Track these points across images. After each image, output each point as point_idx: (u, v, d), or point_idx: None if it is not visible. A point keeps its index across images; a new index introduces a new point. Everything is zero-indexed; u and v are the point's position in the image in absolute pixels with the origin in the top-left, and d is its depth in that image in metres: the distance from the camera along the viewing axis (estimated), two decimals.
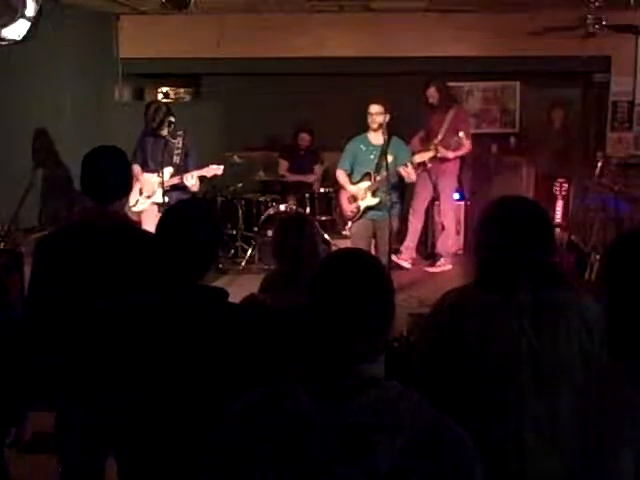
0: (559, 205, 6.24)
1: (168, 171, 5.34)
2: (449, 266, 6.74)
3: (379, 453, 1.19)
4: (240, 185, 7.16)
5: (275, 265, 2.77)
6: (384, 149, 5.28)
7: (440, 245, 6.90)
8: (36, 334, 2.61)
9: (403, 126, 5.83)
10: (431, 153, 6.04)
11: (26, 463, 3.19)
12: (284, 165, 7.55)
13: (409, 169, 5.33)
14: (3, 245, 4.76)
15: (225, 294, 2.02)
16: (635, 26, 6.81)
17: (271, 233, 6.16)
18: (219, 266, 6.46)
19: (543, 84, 8.01)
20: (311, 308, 1.33)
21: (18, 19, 4.09)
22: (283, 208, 6.80)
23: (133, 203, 5.42)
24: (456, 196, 7.18)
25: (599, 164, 5.94)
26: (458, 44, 7.40)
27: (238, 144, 7.53)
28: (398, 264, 6.46)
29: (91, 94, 6.98)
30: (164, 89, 8.19)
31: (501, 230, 1.98)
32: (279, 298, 2.48)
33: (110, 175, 2.65)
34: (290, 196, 7.18)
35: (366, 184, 5.44)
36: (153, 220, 4.90)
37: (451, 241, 6.92)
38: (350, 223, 5.68)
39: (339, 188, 5.74)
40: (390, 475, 1.19)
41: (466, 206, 7.44)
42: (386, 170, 5.17)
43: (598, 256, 5.31)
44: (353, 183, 5.52)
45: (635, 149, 7.70)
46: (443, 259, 6.81)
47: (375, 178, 5.40)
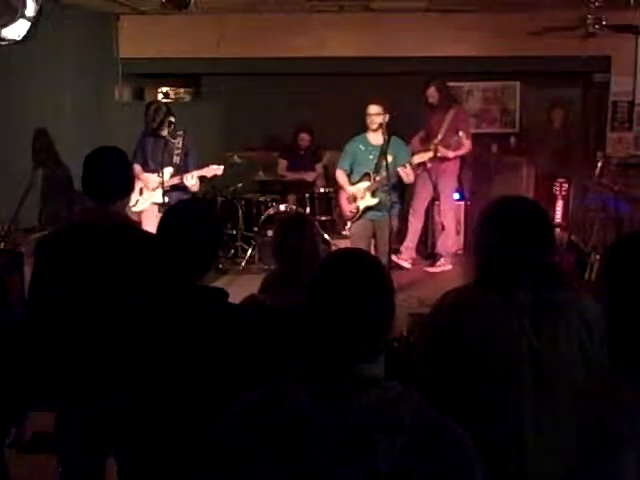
0: (559, 205, 6.24)
1: (168, 171, 5.34)
2: (449, 266, 6.74)
3: (379, 453, 1.19)
4: (240, 185, 7.16)
5: (275, 265, 2.78)
6: (384, 149, 5.27)
7: (440, 245, 6.90)
8: (36, 334, 2.61)
9: (403, 126, 5.83)
10: (430, 154, 6.04)
11: (26, 463, 3.19)
12: (284, 165, 7.55)
13: (408, 170, 5.32)
14: (3, 245, 4.76)
15: (225, 294, 2.02)
16: (635, 26, 6.81)
17: (271, 233, 6.16)
18: (219, 266, 6.46)
19: (543, 84, 8.01)
20: (311, 308, 1.33)
21: (18, 19, 4.09)
22: (283, 208, 6.80)
23: (133, 203, 5.42)
24: (456, 196, 7.18)
25: (599, 164, 5.94)
26: (458, 44, 7.40)
27: (238, 144, 7.53)
28: (398, 264, 6.46)
29: (91, 94, 6.98)
30: (164, 89, 8.20)
31: (501, 230, 1.98)
32: (279, 298, 2.48)
33: (112, 175, 2.66)
34: (290, 196, 7.20)
35: (365, 184, 5.44)
36: (153, 220, 4.91)
37: (451, 241, 6.91)
38: (350, 223, 5.67)
39: (339, 188, 5.73)
40: (390, 475, 1.19)
41: (466, 206, 7.44)
42: (386, 170, 5.17)
43: (598, 256, 5.31)
44: (352, 183, 5.51)
45: (635, 149, 7.70)
46: (443, 259, 6.81)
47: (374, 178, 5.39)
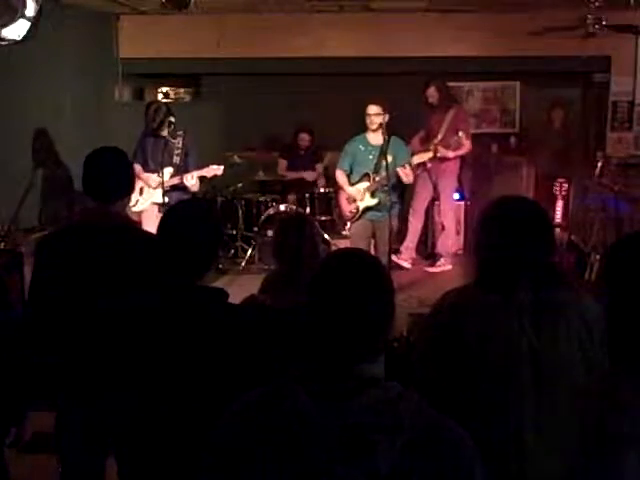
0: (559, 205, 6.24)
1: (168, 171, 5.34)
2: (449, 266, 6.74)
3: (379, 453, 1.19)
4: (240, 185, 7.16)
5: (275, 265, 2.77)
6: (384, 149, 5.27)
7: (440, 245, 6.90)
8: (36, 334, 2.61)
9: (403, 126, 5.83)
10: (430, 154, 6.04)
11: (26, 463, 3.19)
12: (284, 165, 7.55)
13: (407, 170, 5.32)
14: (3, 245, 4.76)
15: (225, 295, 2.02)
16: (635, 26, 6.81)
17: (271, 233, 6.16)
18: (219, 266, 6.46)
19: (543, 84, 8.01)
20: (311, 308, 1.33)
21: (18, 19, 4.09)
22: (283, 208, 6.80)
23: (133, 203, 5.42)
24: (456, 196, 7.18)
25: (599, 164, 5.93)
26: (458, 44, 7.40)
27: (238, 144, 7.53)
28: (398, 264, 6.46)
29: (91, 94, 6.98)
30: (164, 89, 8.20)
31: (501, 230, 1.98)
32: (279, 298, 2.48)
33: (112, 175, 2.66)
34: (290, 196, 7.19)
35: (365, 185, 5.43)
36: (153, 220, 4.91)
37: (451, 241, 6.91)
38: (349, 223, 5.67)
39: (338, 188, 5.73)
40: (390, 475, 1.19)
41: (466, 206, 7.44)
42: (386, 170, 5.16)
43: (598, 256, 5.31)
44: (352, 184, 5.51)
45: (635, 149, 7.70)
46: (443, 259, 6.80)
47: (374, 179, 5.38)
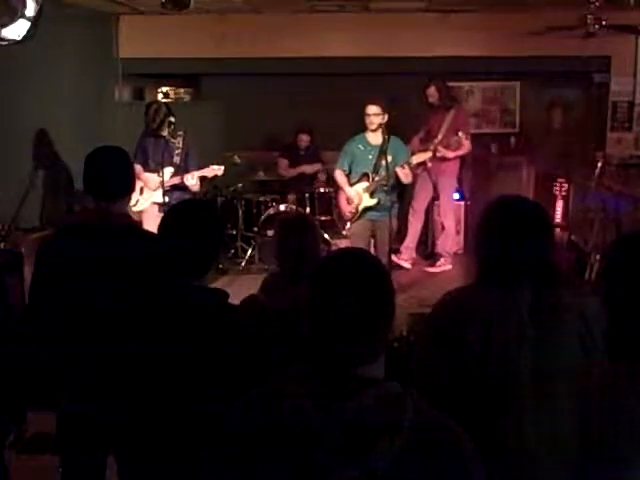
0: (559, 205, 6.25)
1: (169, 171, 5.35)
2: (449, 266, 6.74)
3: (378, 453, 1.19)
4: (240, 185, 7.16)
5: (276, 265, 2.78)
6: (383, 149, 5.27)
7: (440, 245, 6.90)
8: (37, 334, 2.61)
9: (403, 126, 5.82)
10: (429, 154, 6.03)
11: (26, 463, 3.19)
12: (285, 164, 7.54)
13: (406, 170, 5.31)
14: (3, 245, 4.75)
15: (225, 295, 2.02)
16: (635, 26, 6.81)
17: (271, 233, 6.17)
18: (219, 266, 6.46)
19: (543, 84, 8.01)
20: (311, 308, 1.33)
21: (18, 19, 4.08)
22: (283, 208, 6.80)
23: (134, 203, 5.41)
24: (456, 196, 7.18)
25: (599, 164, 5.93)
26: (458, 44, 7.39)
27: (238, 144, 7.52)
28: (398, 264, 6.46)
29: (91, 94, 6.98)
30: (164, 89, 8.20)
31: (501, 230, 1.98)
32: (279, 298, 2.48)
33: (113, 173, 2.66)
34: (290, 196, 7.19)
35: (364, 185, 5.42)
36: (154, 220, 4.90)
37: (451, 241, 6.91)
38: (349, 224, 5.67)
39: (338, 188, 5.73)
40: (389, 475, 1.19)
41: (466, 206, 7.44)
42: (386, 170, 5.16)
43: (598, 256, 5.31)
44: (351, 184, 5.50)
45: (635, 149, 7.70)
46: (443, 259, 6.80)
47: (373, 179, 5.38)
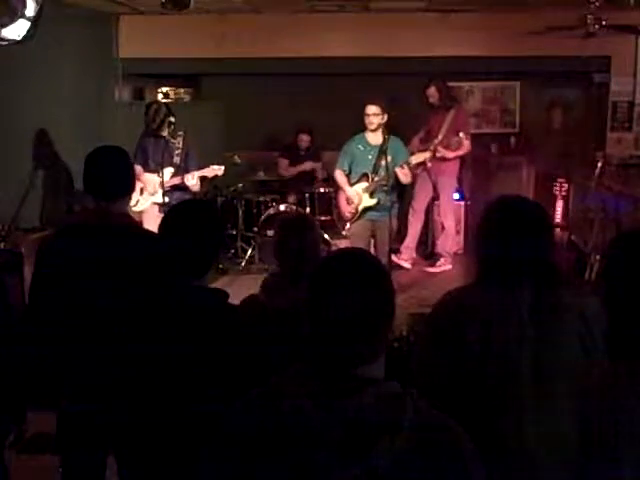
0: (559, 205, 6.25)
1: (169, 171, 5.35)
2: (449, 266, 6.74)
3: (378, 452, 1.19)
4: (240, 185, 7.16)
5: (276, 265, 2.77)
6: (383, 149, 5.27)
7: (440, 245, 6.89)
8: (37, 334, 2.61)
9: (403, 126, 5.82)
10: (428, 154, 6.02)
11: (26, 463, 3.19)
12: (285, 164, 7.55)
13: (405, 170, 5.31)
14: (3, 245, 4.75)
15: (225, 295, 2.02)
16: (635, 26, 6.81)
17: (271, 233, 6.17)
18: (219, 266, 6.46)
19: (543, 84, 8.02)
20: (311, 308, 1.33)
21: (18, 19, 4.08)
22: (283, 208, 6.80)
23: (134, 203, 5.41)
24: (456, 196, 7.18)
25: (599, 164, 5.93)
26: (458, 44, 7.39)
27: (238, 144, 7.52)
28: (398, 264, 6.46)
29: (91, 94, 6.98)
30: (164, 89, 8.20)
31: (501, 230, 1.98)
32: (280, 299, 2.48)
33: (113, 173, 2.66)
34: (290, 196, 7.19)
35: (363, 185, 5.42)
36: (154, 220, 4.90)
37: (451, 241, 6.91)
38: (349, 224, 5.66)
39: (338, 188, 5.73)
40: (389, 474, 1.19)
41: (466, 206, 7.44)
42: (385, 170, 5.16)
43: (598, 256, 5.31)
44: (351, 184, 5.51)
45: (635, 149, 7.70)
46: (443, 259, 6.80)
47: (372, 179, 5.37)
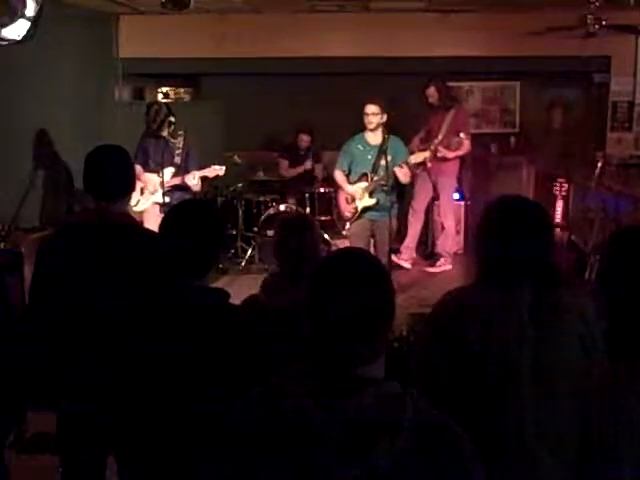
0: (559, 205, 6.23)
1: (169, 171, 5.35)
2: (449, 266, 6.74)
3: (378, 452, 1.19)
4: (240, 185, 7.16)
5: (276, 265, 2.77)
6: (383, 149, 5.27)
7: (440, 245, 6.90)
8: (37, 334, 2.61)
9: (403, 126, 5.81)
10: (427, 153, 6.02)
11: (26, 463, 3.19)
12: (285, 164, 7.55)
13: (405, 169, 5.31)
14: (3, 245, 4.75)
15: (226, 295, 2.02)
16: (635, 26, 6.82)
17: (271, 233, 6.16)
18: (219, 266, 6.46)
19: (543, 84, 8.02)
20: (310, 308, 1.33)
21: (18, 19, 4.08)
22: (283, 208, 6.81)
23: (134, 203, 5.42)
24: (456, 196, 7.18)
25: (599, 164, 5.92)
26: (458, 44, 7.40)
27: (238, 144, 7.52)
28: (398, 264, 6.46)
29: (91, 94, 6.98)
30: (164, 89, 8.20)
31: (501, 230, 1.98)
32: (280, 299, 2.48)
33: (113, 173, 2.66)
34: (290, 196, 7.19)
35: (363, 185, 5.42)
36: (155, 219, 4.91)
37: (451, 241, 6.91)
38: (348, 224, 5.66)
39: (337, 188, 5.73)
40: (389, 474, 1.19)
41: (466, 206, 7.44)
42: (385, 170, 5.16)
43: (598, 256, 5.30)
44: (350, 184, 5.50)
45: (635, 149, 7.70)
46: (443, 259, 6.80)
47: (372, 178, 5.37)
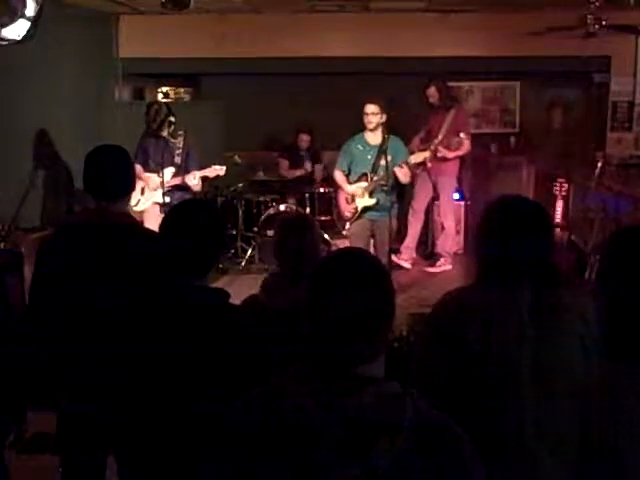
0: (559, 205, 6.23)
1: (170, 171, 5.35)
2: (449, 266, 6.74)
3: (378, 452, 1.19)
4: (240, 185, 7.16)
5: (276, 265, 2.77)
6: (383, 149, 5.27)
7: (440, 245, 6.90)
8: (37, 334, 2.61)
9: (403, 126, 5.81)
10: (427, 153, 6.02)
11: (26, 463, 3.19)
12: (285, 165, 7.55)
13: (405, 169, 5.31)
14: (3, 245, 4.75)
15: (226, 295, 2.02)
16: (635, 26, 6.82)
17: (271, 233, 6.16)
18: (219, 266, 6.46)
19: (543, 84, 8.02)
20: (310, 308, 1.33)
21: (18, 19, 4.08)
22: (283, 208, 6.81)
23: (135, 203, 5.42)
24: (456, 196, 7.18)
25: (599, 164, 5.92)
26: (458, 44, 7.40)
27: (238, 144, 7.52)
28: (398, 264, 6.46)
29: (91, 94, 6.98)
30: (164, 89, 8.20)
31: (501, 230, 1.98)
32: (280, 299, 2.48)
33: (113, 173, 2.66)
34: (290, 196, 7.20)
35: (363, 185, 5.42)
36: (155, 219, 4.92)
37: (451, 241, 6.91)
38: (348, 224, 5.66)
39: (337, 188, 5.73)
40: (389, 474, 1.19)
41: (466, 206, 7.44)
42: (385, 170, 5.16)
43: (598, 256, 5.29)
44: (350, 184, 5.51)
45: (635, 149, 7.70)
46: (443, 259, 6.80)
47: (372, 179, 5.37)
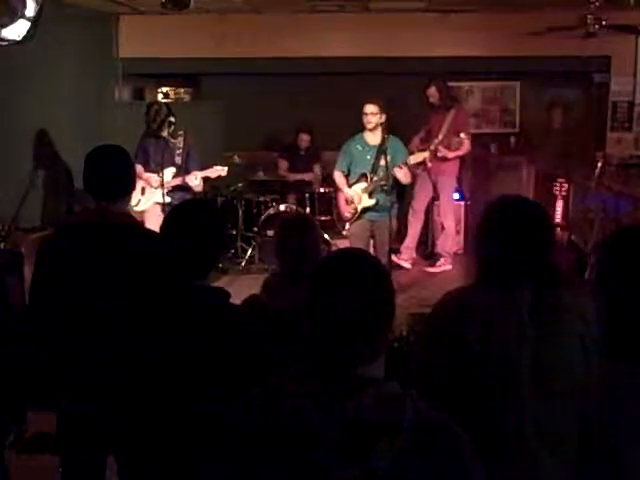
0: (559, 205, 6.23)
1: (170, 171, 5.35)
2: (449, 266, 6.74)
3: (377, 453, 1.19)
4: (240, 185, 7.17)
5: (276, 265, 2.77)
6: (382, 149, 5.26)
7: (440, 245, 6.90)
8: (37, 334, 2.61)
9: (403, 126, 5.81)
10: (427, 153, 6.01)
11: (26, 463, 3.19)
12: (284, 165, 7.55)
13: (404, 170, 5.30)
14: (3, 245, 4.75)
15: (227, 295, 2.03)
16: (635, 26, 6.82)
17: (271, 233, 6.17)
18: (219, 266, 6.46)
19: (543, 84, 8.02)
20: (310, 308, 1.33)
21: (18, 19, 4.08)
22: (283, 208, 6.81)
23: (135, 203, 5.42)
24: (456, 196, 7.18)
25: (599, 164, 5.92)
26: (458, 44, 7.40)
27: (238, 144, 7.53)
28: (398, 264, 6.46)
29: (91, 94, 6.98)
30: (164, 89, 8.20)
31: (501, 230, 1.98)
32: (280, 299, 2.48)
33: (113, 172, 2.66)
34: (290, 196, 7.20)
35: (362, 185, 5.42)
36: (156, 219, 4.92)
37: (451, 241, 6.91)
38: (348, 224, 5.66)
39: (337, 188, 5.73)
40: (388, 475, 1.19)
41: (466, 206, 7.44)
42: (385, 170, 5.16)
43: (597, 256, 5.29)
44: (350, 184, 5.50)
45: (635, 149, 7.70)
46: (443, 259, 6.80)
47: (371, 179, 5.37)
